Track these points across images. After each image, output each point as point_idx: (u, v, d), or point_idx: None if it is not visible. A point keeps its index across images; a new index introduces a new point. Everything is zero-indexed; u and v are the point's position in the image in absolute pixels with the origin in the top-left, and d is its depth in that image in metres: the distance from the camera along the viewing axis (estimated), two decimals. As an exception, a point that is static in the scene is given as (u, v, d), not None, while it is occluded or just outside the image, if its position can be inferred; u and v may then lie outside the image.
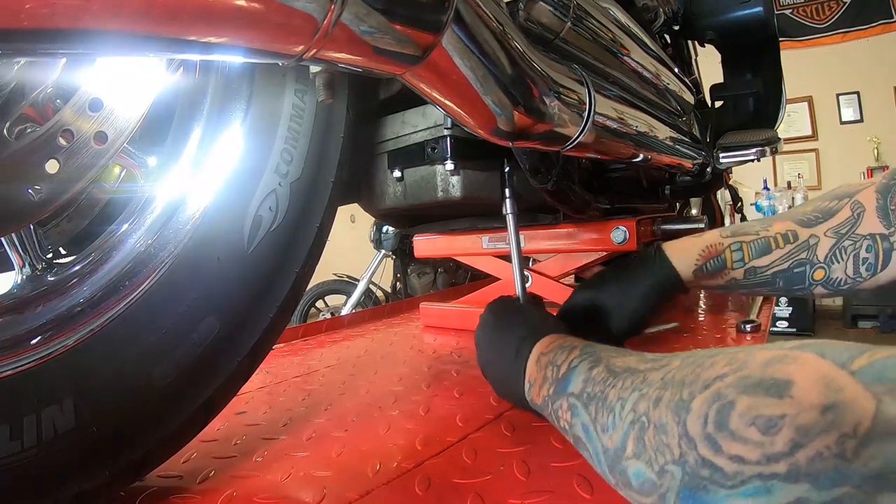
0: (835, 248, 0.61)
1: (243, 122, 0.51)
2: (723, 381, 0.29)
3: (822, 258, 0.62)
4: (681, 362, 0.35)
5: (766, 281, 0.64)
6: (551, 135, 0.54)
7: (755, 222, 0.67)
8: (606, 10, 0.72)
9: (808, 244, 0.62)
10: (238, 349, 0.51)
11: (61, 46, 0.25)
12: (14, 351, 0.43)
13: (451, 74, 0.40)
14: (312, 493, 0.47)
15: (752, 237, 0.65)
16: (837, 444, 0.23)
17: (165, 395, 0.47)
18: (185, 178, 0.51)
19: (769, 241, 0.64)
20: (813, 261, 0.62)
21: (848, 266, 0.61)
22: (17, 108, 0.43)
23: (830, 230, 0.62)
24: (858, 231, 0.62)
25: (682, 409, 0.31)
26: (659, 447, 0.32)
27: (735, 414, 0.27)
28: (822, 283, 0.62)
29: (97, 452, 0.44)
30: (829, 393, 0.25)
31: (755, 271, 0.64)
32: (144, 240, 0.50)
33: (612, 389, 0.39)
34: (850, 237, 0.61)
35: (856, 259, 0.61)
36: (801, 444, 0.24)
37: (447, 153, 0.68)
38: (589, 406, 0.41)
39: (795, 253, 0.63)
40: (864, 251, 0.61)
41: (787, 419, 0.25)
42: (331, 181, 0.55)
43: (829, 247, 0.62)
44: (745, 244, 0.65)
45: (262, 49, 0.30)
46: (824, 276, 0.62)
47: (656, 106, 0.92)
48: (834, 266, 0.62)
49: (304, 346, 1.16)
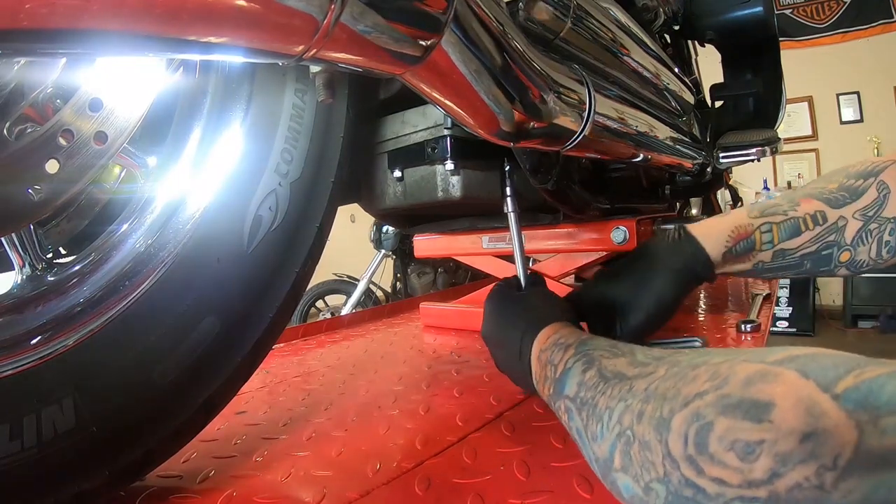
0: (862, 231, 0.60)
1: (243, 121, 0.51)
2: (702, 400, 0.29)
3: (849, 241, 0.61)
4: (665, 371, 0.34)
5: (794, 264, 0.63)
6: (551, 135, 0.54)
7: (781, 200, 0.65)
8: (606, 10, 0.72)
9: (837, 226, 0.61)
10: (238, 349, 0.51)
11: (61, 46, 0.25)
12: (14, 351, 0.43)
13: (452, 74, 0.40)
14: (312, 493, 0.47)
15: (781, 217, 0.63)
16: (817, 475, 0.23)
17: (165, 394, 0.47)
18: (185, 178, 0.51)
19: (798, 222, 0.62)
20: (841, 243, 0.61)
21: (872, 248, 0.61)
22: (17, 108, 0.43)
23: (858, 212, 0.61)
24: (884, 214, 0.60)
25: (663, 426, 0.30)
26: (644, 464, 0.31)
27: (714, 436, 0.27)
28: (847, 264, 0.62)
29: (97, 452, 0.44)
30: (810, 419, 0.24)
31: (784, 254, 0.62)
32: (144, 240, 0.50)
33: (601, 397, 0.39)
34: (876, 220, 0.60)
35: (879, 242, 0.60)
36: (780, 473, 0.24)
37: (447, 153, 0.68)
38: (581, 412, 0.41)
39: (825, 235, 0.61)
40: (888, 234, 0.60)
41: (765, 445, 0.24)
42: (331, 181, 0.55)
43: (856, 229, 0.60)
44: (775, 225, 0.62)
45: (262, 49, 0.30)
46: (850, 258, 0.61)
47: (656, 106, 0.92)
48: (859, 248, 0.61)
49: (304, 346, 1.16)
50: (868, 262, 0.61)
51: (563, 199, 0.83)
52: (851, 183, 0.61)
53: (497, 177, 0.75)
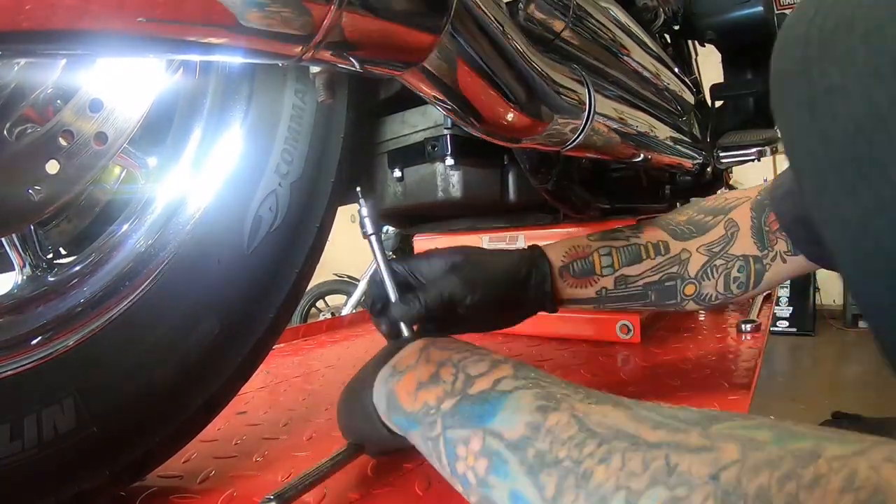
0: (707, 266, 0.60)
1: (243, 122, 0.51)
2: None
3: (693, 274, 0.60)
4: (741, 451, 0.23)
5: (637, 293, 0.61)
6: (551, 135, 0.54)
7: (625, 227, 0.64)
8: (606, 10, 0.72)
9: (680, 258, 0.61)
10: (238, 349, 0.51)
11: (61, 47, 0.25)
12: (15, 351, 0.43)
13: (451, 75, 0.40)
14: (313, 492, 0.47)
15: (622, 242, 0.62)
16: None
17: (166, 394, 0.47)
18: (185, 179, 0.51)
19: (639, 248, 0.61)
20: (684, 276, 0.61)
21: (719, 283, 0.60)
22: (18, 109, 0.43)
23: (703, 247, 0.60)
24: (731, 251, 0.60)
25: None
26: None
27: None
28: (694, 298, 0.61)
29: (97, 452, 0.44)
30: None
31: (626, 280, 0.61)
32: (144, 240, 0.50)
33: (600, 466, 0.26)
34: (722, 256, 0.60)
35: (727, 278, 0.60)
36: None
37: (447, 150, 0.68)
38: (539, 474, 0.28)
39: (666, 266, 0.61)
40: (736, 271, 0.60)
41: None
42: (331, 181, 0.55)
43: (701, 264, 0.60)
44: (615, 249, 0.61)
45: (261, 50, 0.30)
46: (695, 291, 0.61)
47: (656, 106, 0.92)
48: (705, 283, 0.61)
49: (304, 346, 1.16)
50: (716, 295, 0.61)
51: (563, 199, 0.83)
52: (700, 218, 0.61)
53: (497, 176, 0.75)
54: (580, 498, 0.26)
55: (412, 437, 0.38)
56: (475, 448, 0.31)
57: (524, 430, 0.30)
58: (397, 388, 0.39)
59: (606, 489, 0.25)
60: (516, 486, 0.28)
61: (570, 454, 0.27)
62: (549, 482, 0.27)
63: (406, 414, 0.38)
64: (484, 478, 0.30)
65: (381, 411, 0.41)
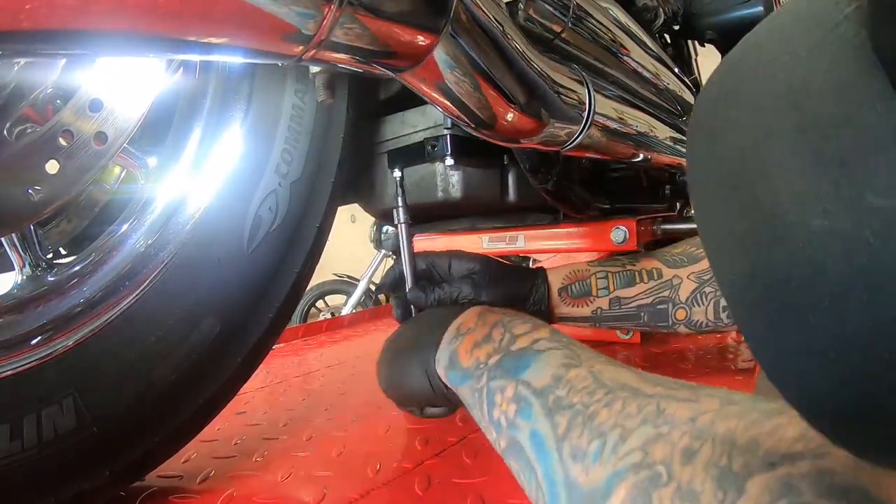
0: (697, 292, 0.63)
1: (243, 122, 0.51)
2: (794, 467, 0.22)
3: (683, 299, 0.64)
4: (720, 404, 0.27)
5: (631, 314, 0.65)
6: (551, 135, 0.54)
7: (622, 257, 0.70)
8: (606, 10, 0.72)
9: (672, 283, 0.64)
10: (238, 349, 0.51)
11: (61, 46, 0.25)
12: (14, 351, 0.43)
13: (451, 75, 0.40)
14: (312, 493, 0.47)
15: (618, 268, 0.67)
16: None
17: (165, 395, 0.47)
18: (185, 179, 0.51)
19: (634, 274, 0.66)
20: (675, 300, 0.64)
21: (709, 310, 0.63)
22: (17, 109, 0.43)
23: (693, 274, 0.64)
24: None
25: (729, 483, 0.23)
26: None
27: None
28: (685, 322, 0.64)
29: (97, 452, 0.44)
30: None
31: (620, 302, 0.65)
32: (144, 240, 0.50)
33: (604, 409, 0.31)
34: (711, 283, 0.63)
35: (716, 305, 0.63)
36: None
37: (447, 150, 0.68)
38: (555, 415, 0.32)
39: (658, 290, 0.64)
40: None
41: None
42: (331, 181, 0.55)
43: (691, 290, 0.63)
44: (611, 274, 0.66)
45: (261, 50, 0.30)
46: (686, 316, 0.64)
47: (656, 106, 0.92)
48: (695, 308, 0.63)
49: (304, 346, 1.16)
50: (707, 322, 0.64)
51: (563, 199, 0.83)
52: (693, 250, 0.65)
53: (496, 176, 0.75)
54: (584, 433, 0.30)
55: (462, 391, 0.42)
56: (509, 395, 0.36)
57: (549, 381, 0.35)
58: (458, 349, 0.45)
59: (606, 426, 0.30)
60: (536, 425, 0.33)
61: (582, 399, 0.32)
62: (562, 421, 0.32)
63: (462, 370, 0.43)
64: (513, 420, 0.35)
65: (442, 368, 0.46)
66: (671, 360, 0.80)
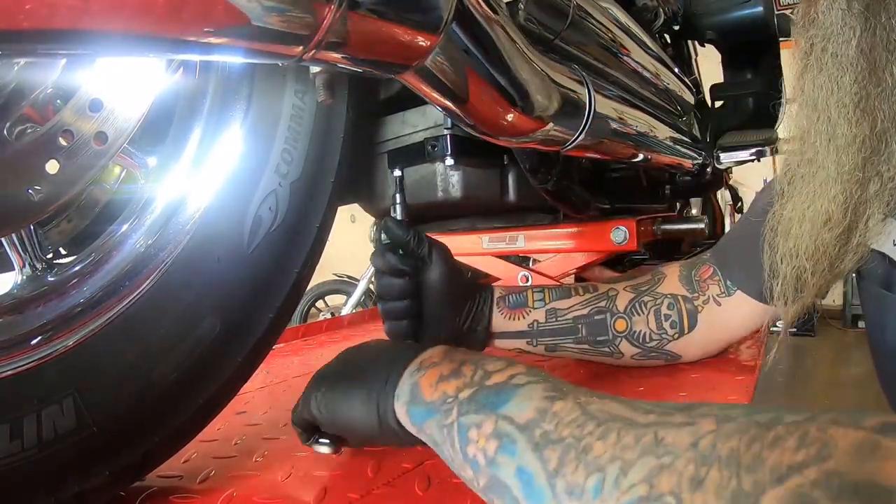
0: (634, 302, 0.63)
1: (243, 122, 0.51)
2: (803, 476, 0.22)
3: (621, 309, 0.63)
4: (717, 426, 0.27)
5: (568, 326, 0.65)
6: (551, 135, 0.54)
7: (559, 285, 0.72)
8: (606, 10, 0.72)
9: (608, 295, 0.64)
10: (238, 349, 0.51)
11: (61, 46, 0.25)
12: (14, 351, 0.43)
13: (451, 75, 0.40)
14: (312, 492, 0.47)
15: (554, 285, 0.69)
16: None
17: (165, 395, 0.47)
18: (185, 179, 0.51)
19: (570, 289, 0.67)
20: (613, 310, 0.63)
21: (650, 320, 0.62)
22: (17, 109, 0.43)
23: (629, 286, 0.65)
24: (658, 290, 0.64)
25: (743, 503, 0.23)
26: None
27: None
28: (627, 335, 0.63)
29: (97, 452, 0.44)
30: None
31: (556, 313, 0.65)
32: (144, 240, 0.50)
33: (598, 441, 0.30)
34: (649, 293, 0.63)
35: (657, 314, 0.62)
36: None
37: (447, 150, 0.68)
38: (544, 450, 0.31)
39: (595, 301, 0.65)
40: (666, 308, 0.62)
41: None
42: (331, 181, 0.55)
43: (628, 300, 0.63)
44: (547, 289, 0.67)
45: (261, 50, 0.30)
46: (626, 327, 0.63)
47: (656, 106, 0.92)
48: (635, 318, 0.63)
49: (304, 346, 1.16)
50: (650, 334, 0.63)
51: (563, 199, 0.83)
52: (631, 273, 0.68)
53: (496, 176, 0.75)
54: (579, 468, 0.29)
55: (428, 426, 0.39)
56: (487, 431, 0.34)
57: (533, 414, 0.33)
58: (421, 381, 0.41)
59: (603, 460, 0.28)
60: (523, 462, 0.31)
61: (573, 433, 0.31)
62: (552, 457, 0.30)
63: (426, 404, 0.40)
64: (493, 457, 0.33)
65: (402, 403, 0.42)
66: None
